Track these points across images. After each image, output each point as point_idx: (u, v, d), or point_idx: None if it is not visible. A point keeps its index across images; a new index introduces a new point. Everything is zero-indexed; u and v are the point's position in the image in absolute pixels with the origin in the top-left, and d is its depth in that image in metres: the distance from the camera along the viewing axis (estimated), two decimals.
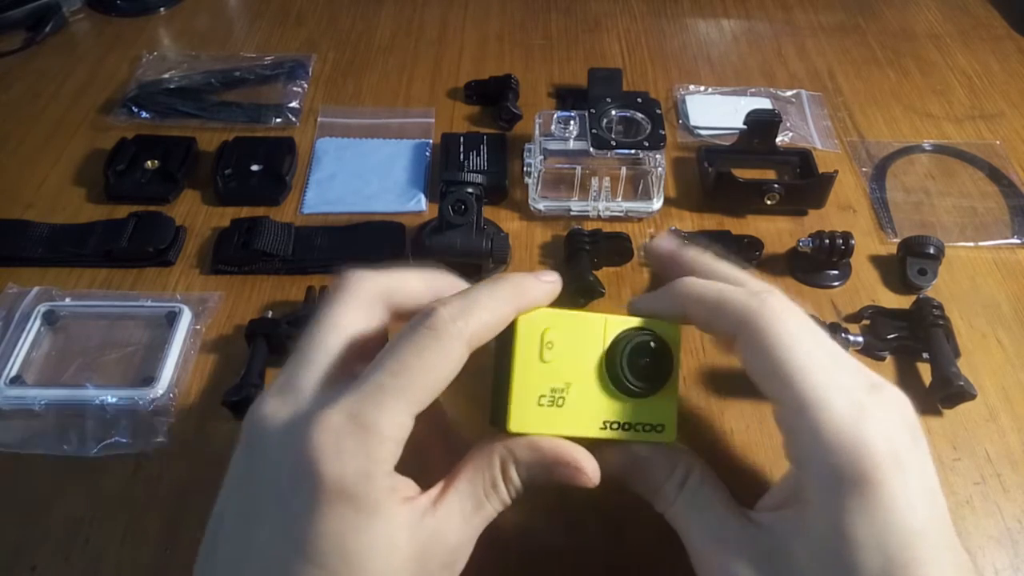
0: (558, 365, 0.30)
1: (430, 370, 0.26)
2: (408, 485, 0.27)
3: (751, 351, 0.29)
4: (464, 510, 0.28)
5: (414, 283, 0.31)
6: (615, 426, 0.31)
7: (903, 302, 0.48)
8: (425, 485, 0.28)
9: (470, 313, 0.27)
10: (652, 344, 0.31)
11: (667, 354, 0.31)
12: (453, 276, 0.32)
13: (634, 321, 0.31)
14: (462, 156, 0.57)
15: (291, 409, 0.27)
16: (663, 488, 0.31)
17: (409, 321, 0.28)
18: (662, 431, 0.31)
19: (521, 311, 0.29)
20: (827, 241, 0.49)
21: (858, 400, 0.27)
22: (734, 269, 0.34)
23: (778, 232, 0.54)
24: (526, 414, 0.30)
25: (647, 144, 0.52)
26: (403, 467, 0.27)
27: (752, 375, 0.30)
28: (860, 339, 0.45)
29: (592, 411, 0.31)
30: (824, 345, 0.29)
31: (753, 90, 0.66)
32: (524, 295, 0.29)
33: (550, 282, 0.30)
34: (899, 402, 0.29)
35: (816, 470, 0.27)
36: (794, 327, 0.29)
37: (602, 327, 0.31)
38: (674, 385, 0.32)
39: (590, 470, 0.30)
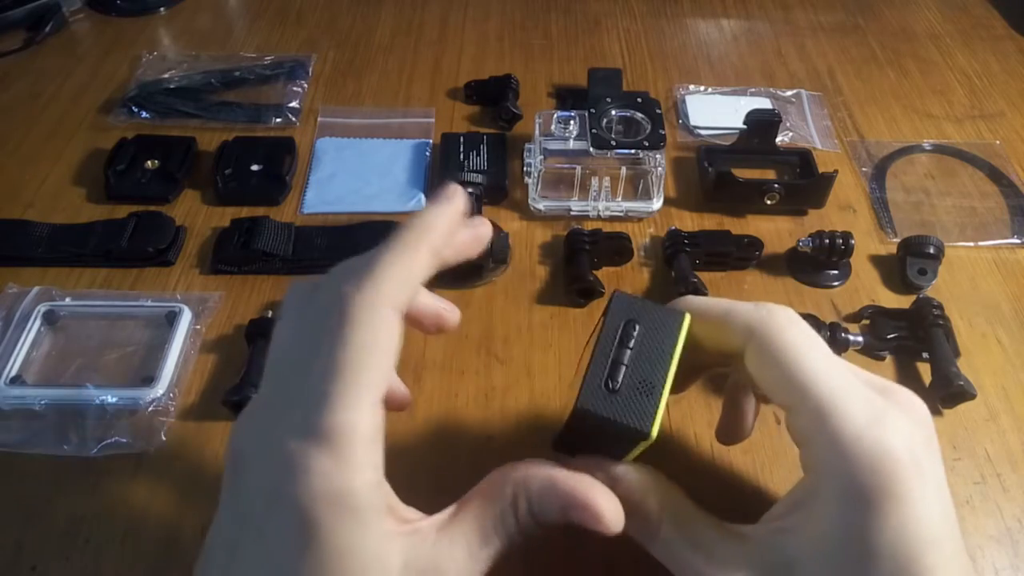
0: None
1: (362, 352, 0.24)
2: (406, 508, 0.26)
3: (762, 359, 0.29)
4: (470, 544, 0.26)
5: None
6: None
7: (903, 302, 0.48)
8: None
9: (374, 275, 0.26)
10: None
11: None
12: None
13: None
14: (462, 156, 0.57)
15: (265, 426, 0.25)
16: (650, 521, 0.30)
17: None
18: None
19: (437, 248, 0.28)
20: (827, 241, 0.49)
21: (876, 404, 0.27)
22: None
23: (778, 232, 0.54)
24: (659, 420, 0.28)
25: (647, 144, 0.52)
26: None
27: (763, 384, 0.29)
28: (860, 339, 0.45)
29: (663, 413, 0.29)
30: (832, 353, 0.29)
31: (753, 90, 0.66)
32: (432, 228, 0.27)
33: (457, 208, 0.28)
34: (913, 404, 0.28)
35: (834, 478, 0.26)
36: (804, 335, 0.29)
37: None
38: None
39: (610, 517, 0.27)
